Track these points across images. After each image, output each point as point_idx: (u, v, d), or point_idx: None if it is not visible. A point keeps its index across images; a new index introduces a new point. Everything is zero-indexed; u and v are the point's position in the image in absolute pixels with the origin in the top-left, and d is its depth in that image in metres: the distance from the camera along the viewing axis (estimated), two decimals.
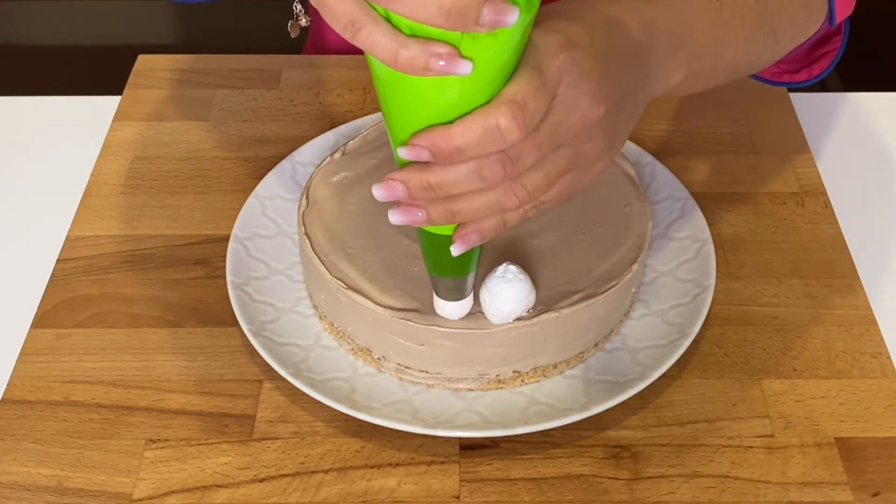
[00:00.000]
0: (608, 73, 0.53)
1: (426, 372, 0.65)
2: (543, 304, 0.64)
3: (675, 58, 0.59)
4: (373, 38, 0.46)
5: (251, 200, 0.77)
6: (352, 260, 0.68)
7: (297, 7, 0.83)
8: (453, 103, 0.49)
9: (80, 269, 0.75)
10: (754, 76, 0.80)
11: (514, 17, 0.44)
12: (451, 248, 0.54)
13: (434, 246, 0.57)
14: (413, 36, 0.46)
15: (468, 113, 0.49)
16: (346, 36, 0.47)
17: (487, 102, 0.49)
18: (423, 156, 0.50)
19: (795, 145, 0.86)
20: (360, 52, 1.04)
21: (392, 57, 0.46)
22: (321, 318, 0.70)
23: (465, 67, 0.46)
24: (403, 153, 0.50)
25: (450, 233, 0.55)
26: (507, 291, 0.61)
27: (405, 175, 0.51)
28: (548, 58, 0.50)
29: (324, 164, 0.75)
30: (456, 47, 0.46)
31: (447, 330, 0.63)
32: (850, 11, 0.73)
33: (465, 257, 0.58)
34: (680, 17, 0.60)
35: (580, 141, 0.53)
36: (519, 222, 0.55)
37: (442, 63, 0.46)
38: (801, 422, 0.66)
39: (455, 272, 0.60)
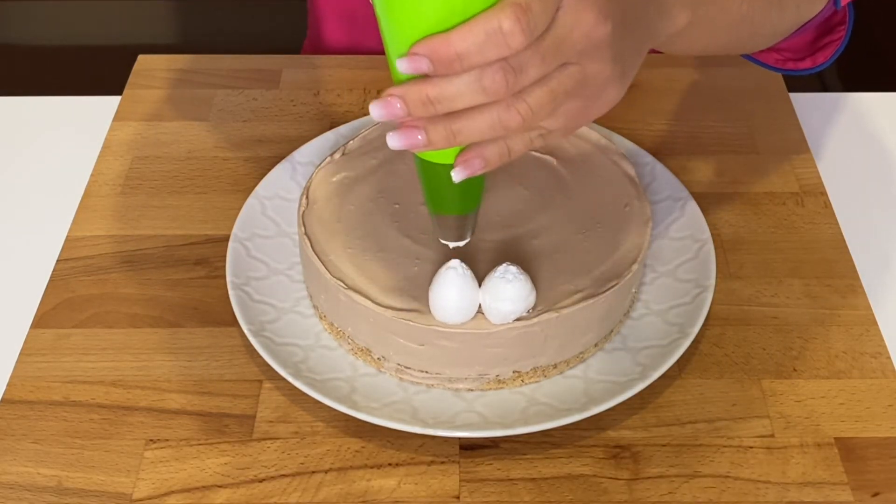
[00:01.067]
0: None
1: (426, 372, 0.65)
2: (543, 304, 0.64)
3: None
4: None
5: (251, 200, 0.77)
6: (352, 260, 0.68)
7: None
8: (454, 10, 0.47)
9: (80, 269, 0.75)
10: (757, 61, 0.80)
11: None
12: (452, 174, 0.52)
13: (435, 178, 0.55)
14: None
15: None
16: None
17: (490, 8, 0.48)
18: (423, 66, 0.48)
19: (795, 145, 0.86)
20: (359, 52, 1.04)
21: None
22: (321, 318, 0.70)
23: None
24: (402, 65, 0.49)
25: (451, 161, 0.53)
26: (507, 291, 0.61)
27: (403, 89, 0.49)
28: None
29: (324, 164, 0.74)
30: None
31: (447, 330, 0.63)
32: None
33: (469, 191, 0.56)
34: None
35: (587, 59, 0.51)
36: (524, 151, 0.53)
37: None
38: (801, 422, 0.66)
39: (457, 208, 0.58)
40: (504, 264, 0.62)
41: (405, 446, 0.64)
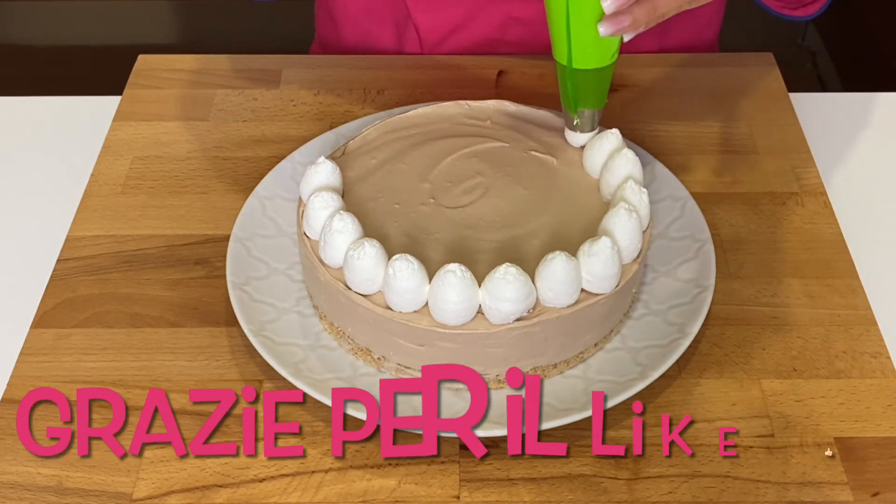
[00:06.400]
0: None
1: None
2: (543, 304, 0.64)
3: None
4: None
5: (251, 200, 0.77)
6: None
7: None
8: None
9: (80, 269, 0.75)
10: (759, 3, 0.85)
11: None
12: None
13: (598, 79, 0.70)
14: None
15: None
16: None
17: None
18: None
19: (795, 145, 0.86)
20: (368, 52, 1.04)
21: None
22: (321, 318, 0.70)
23: None
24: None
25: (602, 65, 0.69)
26: (507, 292, 0.61)
27: None
28: None
29: None
30: None
31: (447, 331, 0.63)
32: None
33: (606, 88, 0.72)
34: None
35: None
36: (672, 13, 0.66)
37: None
38: (800, 422, 0.66)
39: (599, 103, 0.72)
40: (504, 265, 0.62)
41: None
